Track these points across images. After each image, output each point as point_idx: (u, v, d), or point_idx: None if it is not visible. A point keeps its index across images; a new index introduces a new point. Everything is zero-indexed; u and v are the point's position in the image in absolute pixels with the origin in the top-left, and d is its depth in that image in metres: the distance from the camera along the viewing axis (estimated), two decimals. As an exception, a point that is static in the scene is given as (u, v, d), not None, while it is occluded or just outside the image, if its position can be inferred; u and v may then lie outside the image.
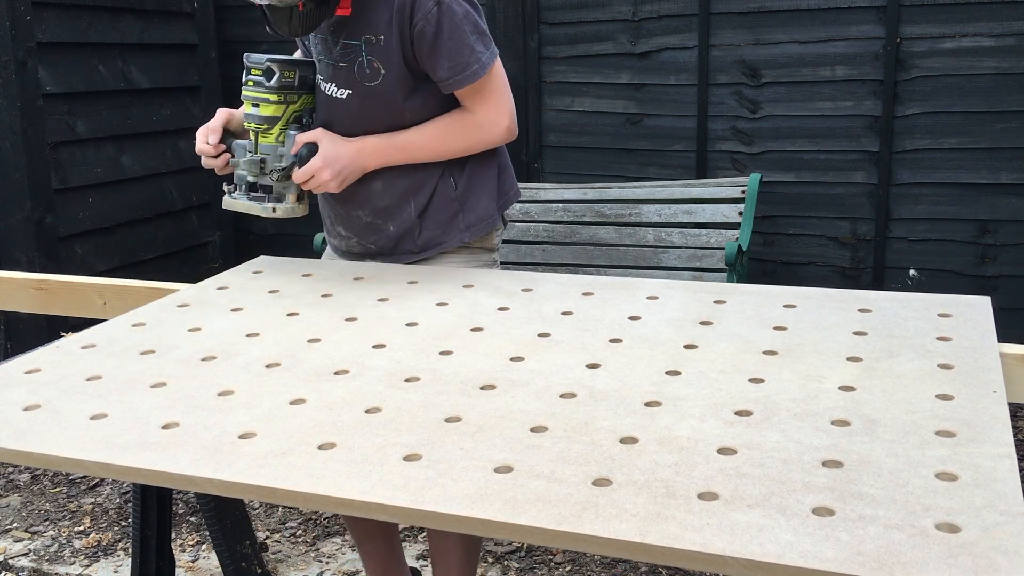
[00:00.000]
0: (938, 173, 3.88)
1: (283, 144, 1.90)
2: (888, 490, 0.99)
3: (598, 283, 1.79)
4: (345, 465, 1.10)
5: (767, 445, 1.11)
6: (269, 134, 1.89)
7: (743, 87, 4.07)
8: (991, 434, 1.11)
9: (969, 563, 0.86)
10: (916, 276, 3.99)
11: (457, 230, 1.99)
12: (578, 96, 4.38)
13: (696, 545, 0.91)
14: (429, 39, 1.79)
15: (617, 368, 1.37)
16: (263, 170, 1.90)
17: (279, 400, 1.30)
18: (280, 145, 1.90)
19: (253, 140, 1.89)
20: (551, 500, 1.00)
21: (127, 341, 1.57)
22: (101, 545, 2.97)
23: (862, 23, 3.85)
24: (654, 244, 3.89)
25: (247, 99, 1.88)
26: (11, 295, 2.02)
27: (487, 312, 1.64)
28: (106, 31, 4.19)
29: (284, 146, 1.90)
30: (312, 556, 2.86)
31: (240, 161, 1.91)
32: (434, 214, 1.98)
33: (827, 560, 0.88)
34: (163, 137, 4.58)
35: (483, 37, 1.86)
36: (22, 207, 3.81)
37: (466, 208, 1.99)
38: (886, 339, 1.44)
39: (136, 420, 1.25)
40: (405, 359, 1.44)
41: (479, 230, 2.02)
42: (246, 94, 1.88)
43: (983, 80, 3.74)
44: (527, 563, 2.78)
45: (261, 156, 1.89)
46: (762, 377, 1.31)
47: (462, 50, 1.82)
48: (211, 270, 4.82)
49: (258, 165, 1.89)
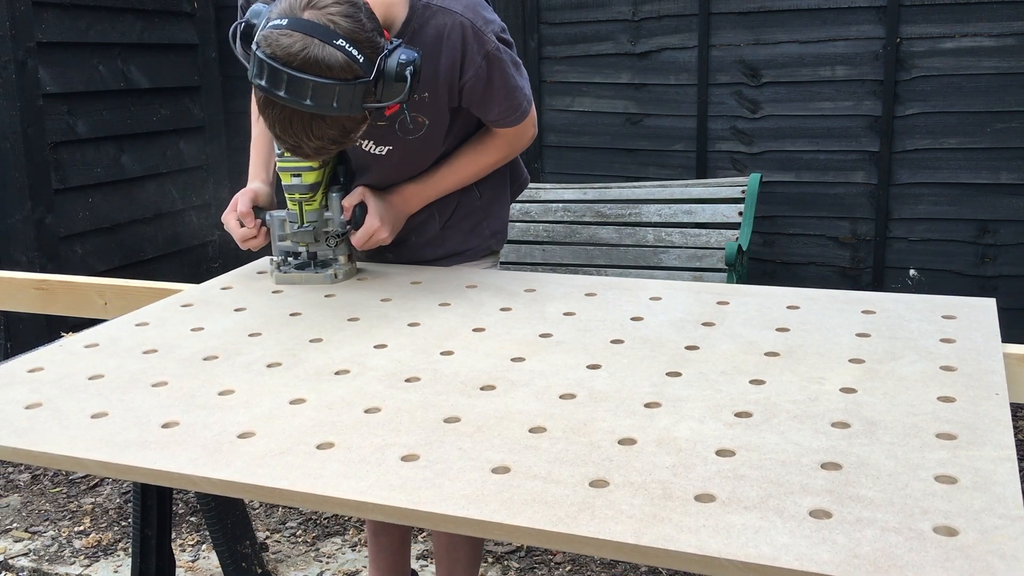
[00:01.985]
0: (938, 173, 3.88)
1: (327, 208, 1.85)
2: (886, 493, 0.99)
3: (601, 284, 1.79)
4: (343, 465, 1.10)
5: (766, 447, 1.11)
6: (313, 201, 1.82)
7: (743, 87, 4.07)
8: (992, 437, 1.11)
9: (966, 567, 0.86)
10: (916, 276, 3.99)
11: (482, 237, 1.99)
12: (578, 96, 4.38)
13: (691, 547, 0.91)
14: (480, 91, 1.76)
15: (617, 369, 1.37)
16: (315, 238, 1.84)
17: (279, 400, 1.30)
18: (325, 209, 1.84)
19: (297, 211, 1.82)
20: (547, 501, 1.00)
21: (130, 340, 1.57)
22: (101, 545, 2.97)
23: (862, 23, 3.85)
24: (654, 244, 3.89)
25: (286, 171, 1.79)
26: (11, 295, 2.02)
27: (489, 312, 1.64)
28: (106, 31, 4.19)
29: (329, 210, 1.84)
30: (312, 556, 2.86)
31: (287, 234, 1.85)
32: (458, 223, 1.97)
33: (823, 563, 0.88)
34: (163, 137, 4.58)
35: (521, 70, 1.84)
36: (22, 207, 3.81)
37: (491, 215, 1.99)
38: (889, 341, 1.44)
39: (136, 419, 1.25)
40: (406, 359, 1.44)
41: (503, 236, 2.03)
42: (284, 165, 1.79)
43: (983, 80, 3.73)
44: (527, 563, 2.78)
45: (311, 225, 1.83)
46: (763, 379, 1.31)
47: (514, 94, 1.80)
48: (211, 270, 4.82)
49: (310, 235, 1.83)
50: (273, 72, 1.44)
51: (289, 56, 1.44)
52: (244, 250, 1.91)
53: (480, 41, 1.70)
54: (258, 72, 1.47)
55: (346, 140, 1.57)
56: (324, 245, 1.85)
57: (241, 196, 1.88)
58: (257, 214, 1.87)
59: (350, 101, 1.48)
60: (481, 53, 1.71)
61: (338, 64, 1.45)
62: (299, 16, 1.46)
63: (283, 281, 1.85)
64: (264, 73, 1.45)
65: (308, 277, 1.85)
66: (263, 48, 1.45)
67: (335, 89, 1.46)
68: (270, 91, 1.46)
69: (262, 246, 1.89)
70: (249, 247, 1.88)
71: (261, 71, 1.46)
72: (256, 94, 1.52)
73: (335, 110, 1.48)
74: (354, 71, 1.48)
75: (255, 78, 1.47)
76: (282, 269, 1.86)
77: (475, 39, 1.70)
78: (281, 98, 1.46)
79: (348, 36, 1.47)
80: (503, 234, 2.04)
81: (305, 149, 1.55)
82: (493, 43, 1.72)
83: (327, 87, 1.45)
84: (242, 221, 1.85)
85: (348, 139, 1.57)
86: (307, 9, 1.46)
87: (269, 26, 1.47)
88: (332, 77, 1.45)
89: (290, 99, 1.45)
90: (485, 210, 1.98)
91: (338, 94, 1.46)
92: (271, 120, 1.51)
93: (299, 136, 1.52)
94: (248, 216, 1.85)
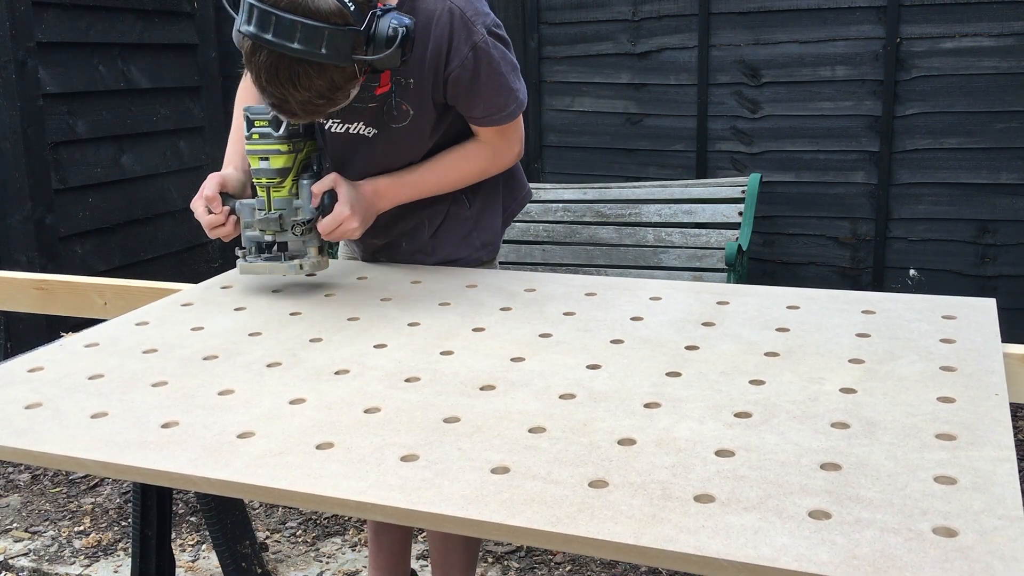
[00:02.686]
0: (938, 173, 3.88)
1: (297, 196, 1.77)
2: (886, 493, 0.99)
3: (601, 284, 1.79)
4: (342, 465, 1.10)
5: (765, 447, 1.11)
6: (282, 187, 1.75)
7: (743, 87, 4.07)
8: (991, 437, 1.11)
9: (965, 568, 0.86)
10: (916, 276, 3.99)
11: (472, 248, 1.96)
12: (578, 96, 4.38)
13: (690, 548, 0.91)
14: (465, 84, 1.72)
15: (617, 369, 1.37)
16: (282, 227, 1.77)
17: (279, 399, 1.30)
18: (294, 198, 1.77)
19: (265, 197, 1.75)
20: (547, 501, 1.00)
21: (130, 340, 1.57)
22: (101, 545, 2.97)
23: (862, 23, 3.85)
24: (654, 244, 3.89)
25: (254, 154, 1.73)
26: (11, 295, 2.02)
27: (489, 312, 1.64)
28: (106, 31, 4.19)
29: (299, 198, 1.77)
30: (312, 556, 2.86)
31: (254, 221, 1.77)
32: (448, 232, 1.94)
33: (822, 564, 0.88)
34: (163, 137, 4.58)
35: (516, 73, 1.79)
36: (22, 207, 3.81)
37: (480, 226, 1.96)
38: (889, 341, 1.44)
39: (136, 419, 1.25)
40: (406, 359, 1.44)
41: (493, 248, 1.99)
42: (252, 148, 1.73)
43: (983, 80, 3.73)
44: (527, 563, 2.78)
45: (277, 212, 1.75)
46: (763, 379, 1.31)
47: (500, 92, 1.75)
48: (211, 270, 4.82)
49: (276, 222, 1.76)
50: (262, 15, 1.43)
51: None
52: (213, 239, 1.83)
53: (468, 31, 1.68)
54: (247, 17, 1.45)
55: (334, 97, 1.52)
56: (292, 234, 1.78)
57: (209, 181, 1.80)
58: (226, 201, 1.79)
59: (339, 48, 1.46)
60: (468, 44, 1.68)
61: (328, 7, 1.44)
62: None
63: (247, 271, 1.79)
64: (252, 17, 1.44)
65: (272, 267, 1.77)
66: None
67: (324, 32, 1.44)
68: (257, 36, 1.44)
69: (232, 235, 1.81)
70: (218, 235, 1.79)
71: (250, 16, 1.44)
72: (243, 43, 1.50)
73: (323, 56, 1.45)
74: (344, 17, 1.46)
75: (243, 24, 1.45)
76: (247, 259, 1.79)
77: (463, 27, 1.67)
78: (269, 41, 1.43)
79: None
80: (495, 246, 1.99)
81: (291, 104, 1.51)
82: (482, 35, 1.69)
83: (316, 30, 1.43)
84: (209, 207, 1.77)
85: (336, 97, 1.53)
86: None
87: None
88: (321, 20, 1.44)
89: (278, 42, 1.43)
90: (475, 220, 1.94)
91: (327, 38, 1.44)
92: (257, 68, 1.48)
93: (285, 86, 1.48)
94: (215, 201, 1.76)
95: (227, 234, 1.79)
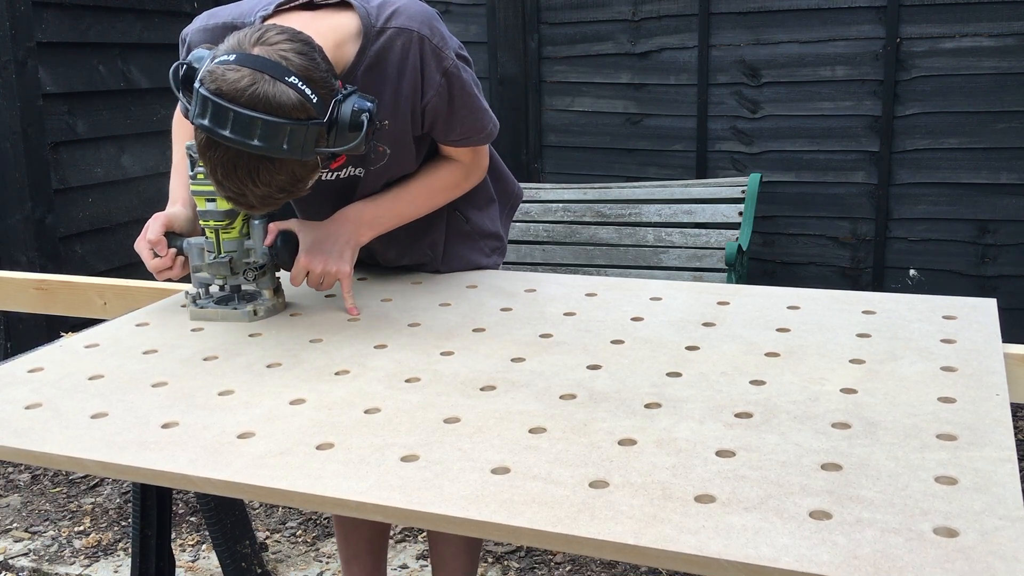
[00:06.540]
0: (938, 173, 3.88)
1: (248, 238, 1.66)
2: (886, 494, 0.99)
3: (602, 284, 1.79)
4: (342, 465, 1.10)
5: (766, 447, 1.11)
6: (232, 228, 1.63)
7: (743, 87, 4.07)
8: (992, 437, 1.11)
9: (966, 568, 0.86)
10: (916, 276, 3.99)
11: (483, 254, 1.95)
12: (578, 96, 4.37)
13: (691, 548, 0.91)
14: (443, 112, 1.67)
15: (618, 369, 1.37)
16: (232, 271, 1.65)
17: (279, 400, 1.30)
18: (245, 238, 1.65)
19: (214, 240, 1.63)
20: (547, 502, 1.00)
21: (130, 340, 1.57)
22: (101, 545, 2.97)
23: (862, 23, 3.85)
24: (654, 244, 3.89)
25: (200, 195, 1.61)
26: (11, 295, 2.02)
27: (490, 312, 1.64)
28: (106, 31, 4.19)
29: (251, 239, 1.66)
30: (312, 556, 2.86)
31: (203, 265, 1.66)
32: (453, 248, 1.92)
33: (823, 564, 0.88)
34: (163, 137, 4.56)
35: (481, 92, 1.76)
36: (22, 207, 3.81)
37: (484, 234, 1.95)
38: (890, 341, 1.44)
39: (136, 419, 1.25)
40: (406, 359, 1.44)
41: (503, 251, 2.00)
42: (198, 189, 1.60)
43: (983, 80, 3.73)
44: (527, 563, 2.78)
45: (227, 255, 1.64)
46: (763, 379, 1.31)
47: (476, 115, 1.71)
48: (211, 269, 4.81)
49: (226, 267, 1.64)
50: (218, 109, 1.32)
51: (236, 92, 1.32)
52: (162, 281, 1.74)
53: (439, 57, 1.62)
54: (200, 111, 1.33)
55: (295, 189, 1.42)
56: (243, 278, 1.66)
57: (152, 222, 1.69)
58: (173, 241, 1.68)
59: (302, 144, 1.35)
60: (440, 70, 1.62)
61: (290, 102, 1.33)
62: (248, 52, 1.35)
63: (198, 317, 1.67)
64: (208, 111, 1.32)
65: (225, 314, 1.66)
66: (207, 84, 1.33)
67: (286, 129, 1.33)
68: (213, 131, 1.32)
69: (181, 276, 1.71)
70: (165, 278, 1.70)
71: (204, 109, 1.33)
72: (197, 136, 1.38)
73: (285, 152, 1.34)
74: (307, 111, 1.35)
75: (197, 118, 1.34)
76: (198, 303, 1.68)
77: (433, 55, 1.61)
78: (226, 138, 1.32)
79: (301, 74, 1.35)
80: (503, 249, 2.00)
81: (250, 198, 1.40)
82: (451, 60, 1.63)
83: (278, 126, 1.32)
84: (155, 250, 1.67)
85: (297, 188, 1.43)
86: (257, 45, 1.36)
87: (215, 62, 1.36)
88: (283, 116, 1.33)
89: (236, 139, 1.32)
90: (477, 231, 1.94)
91: (289, 135, 1.34)
92: (212, 164, 1.37)
93: (243, 182, 1.37)
94: (160, 244, 1.66)
95: (176, 275, 1.71)
